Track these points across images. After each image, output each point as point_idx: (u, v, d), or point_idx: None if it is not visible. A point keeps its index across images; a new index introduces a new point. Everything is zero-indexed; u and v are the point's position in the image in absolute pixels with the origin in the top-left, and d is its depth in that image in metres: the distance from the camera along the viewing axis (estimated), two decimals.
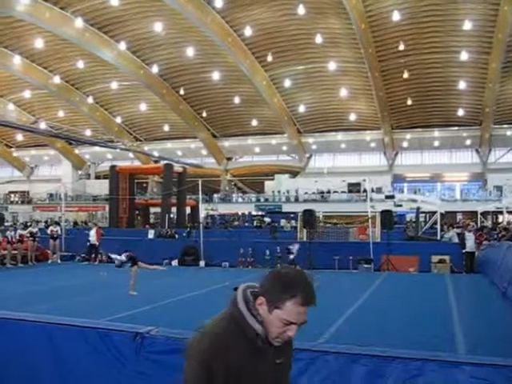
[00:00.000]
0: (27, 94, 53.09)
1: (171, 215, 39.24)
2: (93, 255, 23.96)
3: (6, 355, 4.74)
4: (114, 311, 10.73)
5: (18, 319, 4.95)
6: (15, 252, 22.56)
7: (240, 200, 59.68)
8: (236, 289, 2.32)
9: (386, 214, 22.94)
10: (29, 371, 4.62)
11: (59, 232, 25.21)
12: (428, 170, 57.22)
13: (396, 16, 36.60)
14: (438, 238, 25.57)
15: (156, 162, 57.50)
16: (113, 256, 14.28)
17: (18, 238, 22.69)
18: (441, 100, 48.73)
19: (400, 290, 15.68)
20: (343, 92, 47.83)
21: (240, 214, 54.01)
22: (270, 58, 43.53)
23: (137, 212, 45.26)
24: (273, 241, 25.19)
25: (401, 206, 44.56)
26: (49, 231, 24.89)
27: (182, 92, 50.79)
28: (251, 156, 63.26)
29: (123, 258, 14.14)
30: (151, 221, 46.15)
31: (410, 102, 48.10)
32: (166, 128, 58.87)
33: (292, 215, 43.35)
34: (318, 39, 39.89)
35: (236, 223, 47.16)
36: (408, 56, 42.50)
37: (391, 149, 56.73)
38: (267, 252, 21.55)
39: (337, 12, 38.48)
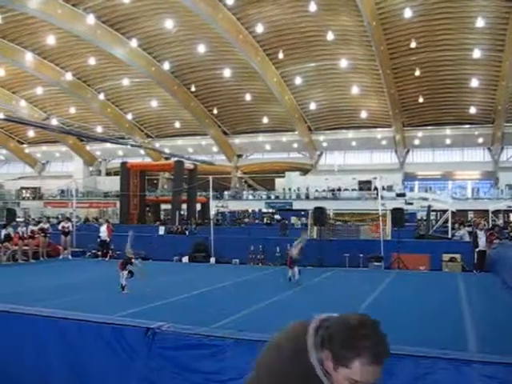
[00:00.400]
0: (39, 90, 53.32)
1: (181, 212, 39.32)
2: (104, 251, 24.03)
3: (20, 349, 4.78)
4: (126, 307, 10.78)
5: (32, 314, 5.00)
6: (26, 248, 22.70)
7: (250, 197, 59.69)
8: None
9: (396, 212, 22.86)
10: (43, 365, 4.66)
11: (70, 228, 25.32)
12: (439, 168, 56.91)
13: (408, 13, 36.38)
14: (449, 236, 25.46)
15: (167, 158, 57.60)
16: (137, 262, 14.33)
17: (29, 233, 22.85)
18: (453, 98, 48.46)
19: (411, 288, 15.63)
20: (354, 89, 47.68)
21: (250, 211, 53.99)
22: (281, 56, 43.44)
23: (147, 208, 45.37)
24: (283, 238, 25.21)
25: (411, 204, 44.41)
26: (60, 227, 25.02)
27: (193, 89, 50.87)
28: (262, 153, 63.25)
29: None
30: (162, 217, 46.25)
31: (421, 100, 47.88)
32: (177, 125, 59.01)
33: (302, 213, 43.30)
34: (330, 36, 39.76)
35: (246, 220, 47.14)
36: (420, 53, 42.26)
37: (402, 147, 56.52)
38: (277, 249, 21.54)
39: (348, 9, 38.33)
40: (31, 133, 63.36)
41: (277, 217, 46.31)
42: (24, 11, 39.02)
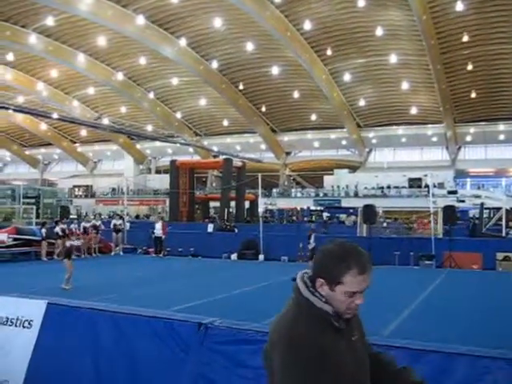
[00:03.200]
0: (91, 90, 54.51)
1: (230, 209, 39.55)
2: (158, 248, 24.36)
3: (76, 342, 4.91)
4: (177, 302, 10.91)
5: (89, 308, 5.14)
6: (79, 244, 23.24)
7: (299, 195, 59.59)
8: (294, 279, 2.35)
9: (448, 210, 22.44)
10: (97, 356, 4.76)
11: (122, 225, 25.80)
12: (493, 164, 55.47)
13: (459, 6, 35.54)
14: (503, 234, 24.84)
15: (215, 156, 58.07)
16: None
17: (82, 230, 23.40)
18: (507, 92, 47.09)
19: (463, 287, 15.32)
20: (404, 85, 46.97)
21: (299, 208, 53.89)
22: (329, 52, 43.18)
23: (196, 206, 45.82)
24: (331, 235, 25.06)
25: (463, 201, 43.54)
26: (112, 225, 25.54)
27: (241, 87, 51.05)
28: (310, 150, 63.01)
29: None
30: (213, 214, 46.61)
31: (473, 95, 46.79)
32: (226, 123, 59.32)
33: (351, 210, 43.00)
34: (379, 32, 39.29)
35: (294, 218, 47.11)
36: (472, 47, 41.25)
37: (454, 143, 55.37)
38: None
39: (397, 3, 37.76)
40: (83, 132, 64.84)
41: (325, 214, 46.15)
42: (76, 13, 39.90)
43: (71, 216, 36.95)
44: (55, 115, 43.65)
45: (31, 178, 74.43)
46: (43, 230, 21.68)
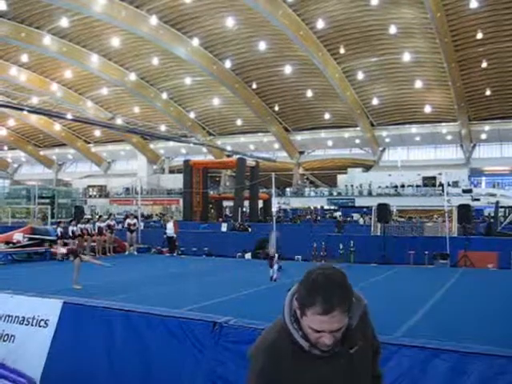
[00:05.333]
0: (104, 91, 54.82)
1: (244, 209, 39.56)
2: (171, 247, 24.41)
3: (95, 339, 4.95)
4: (191, 301, 10.92)
5: (104, 307, 5.18)
6: (94, 244, 23.39)
7: (312, 194, 59.51)
8: (290, 290, 2.27)
9: (463, 209, 22.28)
10: (112, 355, 4.79)
11: (136, 225, 25.89)
12: (508, 162, 55.03)
13: (473, 3, 35.33)
14: None
15: (229, 156, 58.15)
16: None
17: (96, 230, 23.52)
18: None
19: (479, 286, 15.20)
20: (418, 83, 46.74)
21: (312, 208, 53.84)
22: (342, 51, 43.08)
23: (210, 205, 45.90)
24: (344, 235, 25.00)
25: (478, 200, 43.27)
26: (126, 224, 25.64)
27: (254, 86, 51.07)
28: (324, 149, 62.96)
29: None
30: (228, 214, 46.68)
31: (488, 93, 46.47)
32: (239, 122, 59.39)
33: (365, 209, 42.89)
34: (392, 30, 39.15)
35: (308, 217, 47.06)
36: (487, 44, 40.98)
37: (468, 141, 55.05)
38: (340, 246, 21.37)
39: (411, 1, 37.59)
40: (97, 132, 65.25)
41: (338, 213, 46.06)
42: (89, 15, 40.14)
43: (86, 216, 37.15)
44: (69, 116, 43.92)
45: (46, 178, 75.13)
46: (58, 230, 21.80)
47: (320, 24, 39.46)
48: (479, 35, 38.76)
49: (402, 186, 53.25)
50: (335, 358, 2.18)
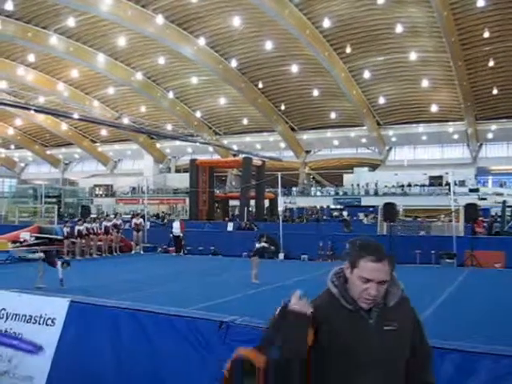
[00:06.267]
0: (111, 90, 54.90)
1: (250, 208, 39.56)
2: (177, 246, 24.44)
3: (102, 338, 4.96)
4: (197, 300, 10.94)
5: (112, 306, 5.21)
6: (101, 243, 23.45)
7: (318, 193, 59.45)
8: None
9: (470, 208, 22.23)
10: (120, 355, 4.81)
11: (143, 224, 25.95)
12: None
13: (480, 2, 35.18)
14: None
15: (235, 155, 58.15)
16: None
17: (103, 229, 23.58)
18: None
19: (486, 286, 15.16)
20: (424, 82, 46.58)
21: (318, 207, 53.79)
22: (348, 50, 42.94)
23: (216, 205, 45.92)
24: (353, 234, 24.95)
25: (485, 199, 43.11)
26: (132, 224, 25.70)
27: (260, 85, 51.03)
28: (330, 149, 62.85)
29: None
30: (235, 213, 46.65)
31: (495, 92, 46.26)
32: (245, 122, 59.37)
33: (371, 209, 42.80)
34: (398, 29, 39.03)
35: (314, 216, 47.01)
36: (494, 43, 40.79)
37: (475, 140, 54.83)
38: (347, 245, 21.31)
39: (417, 0, 37.50)
40: (104, 132, 65.39)
41: (344, 213, 45.97)
42: (96, 14, 40.22)
43: (92, 215, 37.27)
44: (76, 115, 44.06)
45: (52, 177, 75.31)
46: (65, 229, 21.87)
47: (326, 23, 39.38)
48: (486, 34, 38.57)
49: (409, 186, 53.09)
50: (368, 331, 2.45)
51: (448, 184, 43.32)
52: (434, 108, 50.79)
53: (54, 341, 5.14)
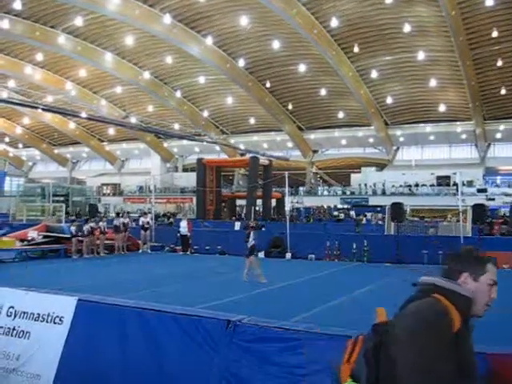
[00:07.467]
0: (118, 89, 55.00)
1: (257, 207, 39.56)
2: (184, 246, 24.48)
3: (109, 337, 4.97)
4: (205, 299, 10.95)
5: (119, 305, 5.23)
6: (108, 242, 23.52)
7: (326, 193, 59.40)
8: (415, 284, 2.59)
9: (478, 208, 22.15)
10: (127, 352, 4.82)
11: (150, 223, 26.00)
12: None
13: (489, 1, 35.01)
14: None
15: (242, 154, 58.15)
16: None
17: (112, 228, 23.65)
18: None
19: None
20: (432, 82, 46.40)
21: (325, 207, 53.76)
22: (356, 49, 42.83)
23: (223, 204, 45.95)
24: (359, 234, 24.92)
25: (493, 199, 42.93)
26: (140, 222, 25.76)
27: (267, 85, 50.97)
28: (337, 148, 62.75)
29: None
30: (237, 213, 46.70)
31: (504, 91, 46.05)
32: (252, 121, 59.35)
33: (378, 209, 42.72)
34: (406, 28, 38.87)
35: (317, 217, 46.97)
36: (503, 43, 40.57)
37: (483, 140, 54.60)
38: (354, 245, 21.32)
39: None
40: (111, 131, 65.52)
41: (352, 213, 45.91)
42: (104, 13, 40.33)
43: (99, 214, 37.36)
44: (84, 114, 44.19)
45: (60, 176, 75.50)
46: (73, 228, 21.95)
47: (334, 23, 39.27)
48: (494, 33, 38.37)
49: (416, 186, 52.96)
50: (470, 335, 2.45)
51: (456, 184, 43.17)
52: (441, 108, 50.61)
53: (62, 339, 5.15)
